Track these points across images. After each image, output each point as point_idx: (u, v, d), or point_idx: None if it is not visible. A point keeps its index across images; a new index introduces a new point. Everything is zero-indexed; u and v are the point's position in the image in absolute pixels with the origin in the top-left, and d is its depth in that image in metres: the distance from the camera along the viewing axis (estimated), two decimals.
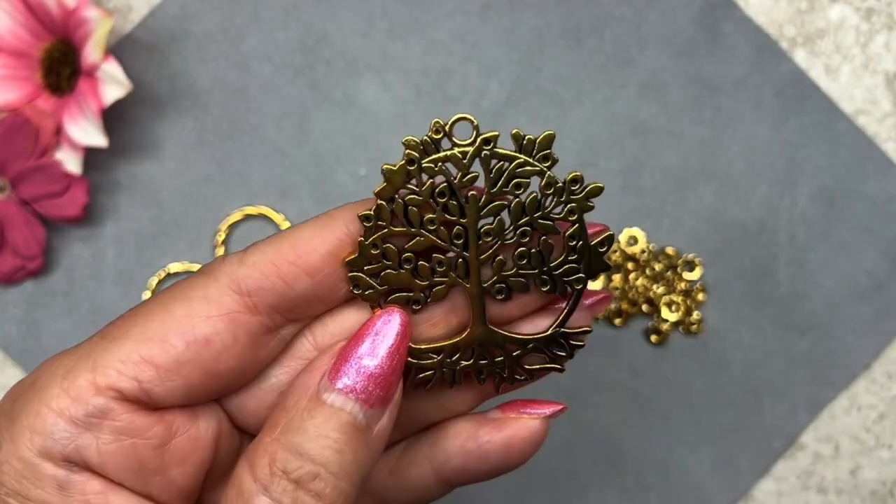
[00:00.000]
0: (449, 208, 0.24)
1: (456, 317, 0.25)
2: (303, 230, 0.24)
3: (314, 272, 0.23)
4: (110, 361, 0.22)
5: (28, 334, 0.42)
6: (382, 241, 0.24)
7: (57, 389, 0.22)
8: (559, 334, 0.25)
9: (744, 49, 0.42)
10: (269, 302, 0.23)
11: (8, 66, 0.41)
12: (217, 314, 0.23)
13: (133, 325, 0.23)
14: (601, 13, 0.42)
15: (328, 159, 0.42)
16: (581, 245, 0.24)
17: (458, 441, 0.26)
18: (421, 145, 0.24)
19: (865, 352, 0.42)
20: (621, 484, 0.42)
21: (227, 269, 0.24)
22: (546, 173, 0.24)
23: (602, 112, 0.42)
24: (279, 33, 0.42)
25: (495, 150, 0.24)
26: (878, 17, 0.42)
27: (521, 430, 0.26)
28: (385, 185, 0.24)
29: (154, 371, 0.23)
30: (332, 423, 0.22)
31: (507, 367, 0.25)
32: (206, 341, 0.23)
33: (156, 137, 0.42)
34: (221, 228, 0.42)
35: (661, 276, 0.42)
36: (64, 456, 0.22)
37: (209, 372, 0.23)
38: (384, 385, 0.23)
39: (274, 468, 0.22)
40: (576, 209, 0.24)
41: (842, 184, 0.42)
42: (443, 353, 0.25)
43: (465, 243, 0.24)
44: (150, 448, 0.23)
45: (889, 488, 0.42)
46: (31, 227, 0.41)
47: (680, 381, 0.42)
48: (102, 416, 0.22)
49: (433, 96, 0.42)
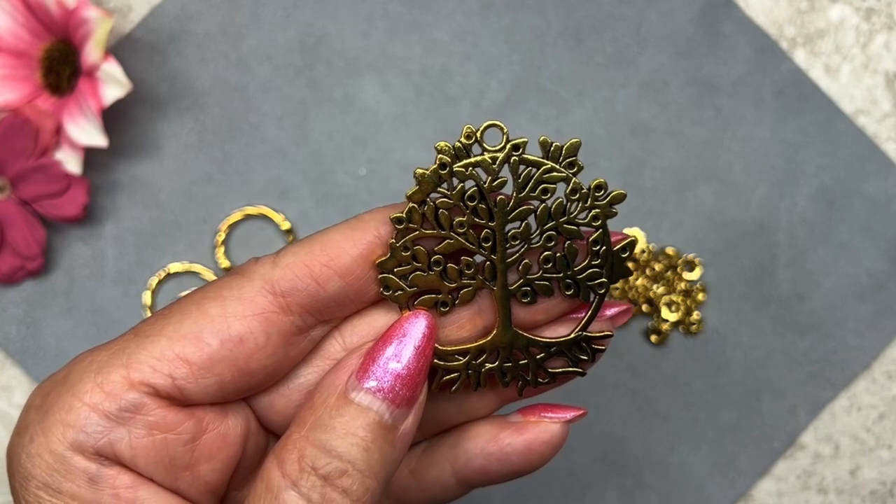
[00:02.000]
0: (478, 212, 0.25)
1: (481, 319, 0.26)
2: (334, 233, 0.24)
3: (346, 274, 0.24)
4: (145, 358, 0.23)
5: (28, 334, 0.42)
6: (413, 243, 0.24)
7: (90, 384, 0.23)
8: (582, 338, 0.26)
9: (744, 49, 0.42)
10: (302, 302, 0.24)
11: (8, 65, 0.41)
12: (251, 314, 0.24)
13: (167, 322, 0.24)
14: (601, 13, 0.42)
15: (328, 159, 0.42)
16: (604, 250, 0.25)
17: (479, 443, 0.27)
18: (453, 150, 0.24)
19: (865, 352, 0.42)
20: (621, 484, 0.42)
21: (260, 270, 0.24)
22: (572, 179, 0.25)
23: (602, 112, 0.42)
24: (279, 33, 0.42)
25: (524, 156, 0.25)
26: (878, 17, 0.42)
27: (542, 433, 0.26)
28: (417, 189, 0.24)
29: (188, 368, 0.23)
30: (359, 421, 0.23)
31: (530, 370, 0.26)
32: (241, 340, 0.23)
33: (156, 137, 0.42)
34: (221, 228, 0.42)
35: (661, 276, 0.42)
36: (96, 450, 0.23)
37: (241, 370, 0.24)
38: (410, 385, 0.23)
39: (303, 464, 0.22)
40: (599, 215, 0.25)
41: (842, 184, 0.42)
42: (468, 356, 0.25)
43: (493, 246, 0.25)
44: (181, 443, 0.23)
45: (889, 488, 0.42)
46: (31, 227, 0.41)
47: (680, 381, 0.42)
48: (135, 410, 0.23)
49: (433, 96, 0.42)
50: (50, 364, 0.42)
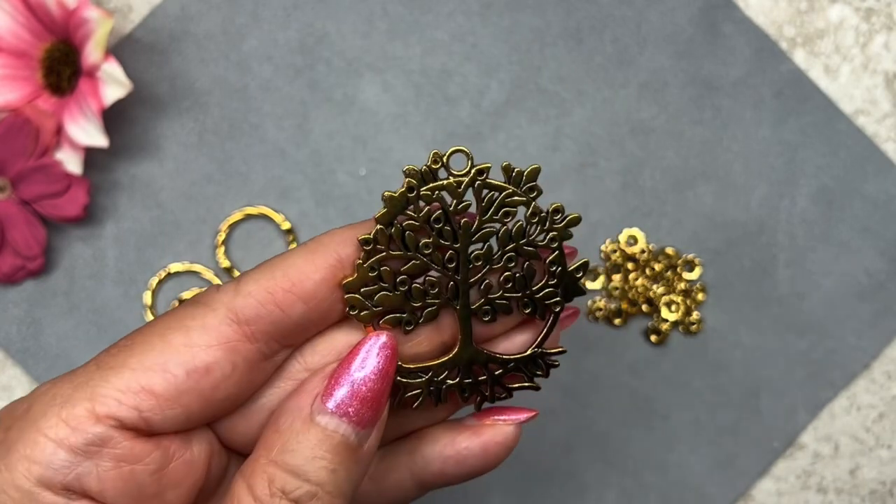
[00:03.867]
0: (443, 234, 0.25)
1: (440, 335, 0.26)
2: (295, 257, 0.25)
3: (309, 298, 0.24)
4: (109, 391, 0.23)
5: (28, 334, 0.42)
6: (380, 263, 0.25)
7: (55, 419, 0.23)
8: (537, 354, 0.27)
9: (743, 49, 0.42)
10: (266, 330, 0.24)
11: (8, 66, 0.41)
12: (216, 343, 0.24)
13: (130, 354, 0.24)
14: (601, 13, 0.42)
15: (328, 159, 0.42)
16: (560, 271, 0.26)
17: (436, 448, 0.27)
18: (420, 174, 0.25)
19: (865, 352, 0.42)
20: (621, 484, 0.42)
21: (223, 298, 0.24)
22: (532, 203, 0.26)
23: (602, 112, 0.42)
24: (279, 33, 0.42)
25: (487, 180, 0.26)
26: (878, 17, 0.42)
27: (496, 436, 0.27)
28: (385, 211, 0.25)
29: (154, 400, 0.23)
30: (325, 444, 0.23)
31: (489, 385, 0.27)
32: (207, 370, 0.24)
33: (156, 137, 0.42)
34: (222, 228, 0.42)
35: (660, 276, 0.42)
36: (64, 485, 0.22)
37: (208, 400, 0.24)
38: (374, 406, 0.24)
39: (273, 489, 0.23)
40: (556, 237, 0.26)
41: (841, 184, 0.42)
42: (431, 373, 0.26)
43: (457, 267, 0.26)
44: (148, 473, 0.23)
45: (889, 488, 0.42)
46: (31, 227, 0.41)
47: (680, 381, 0.42)
48: (102, 444, 0.23)
49: (433, 96, 0.42)
50: (50, 364, 0.42)
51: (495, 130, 0.42)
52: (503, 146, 0.42)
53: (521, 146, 0.42)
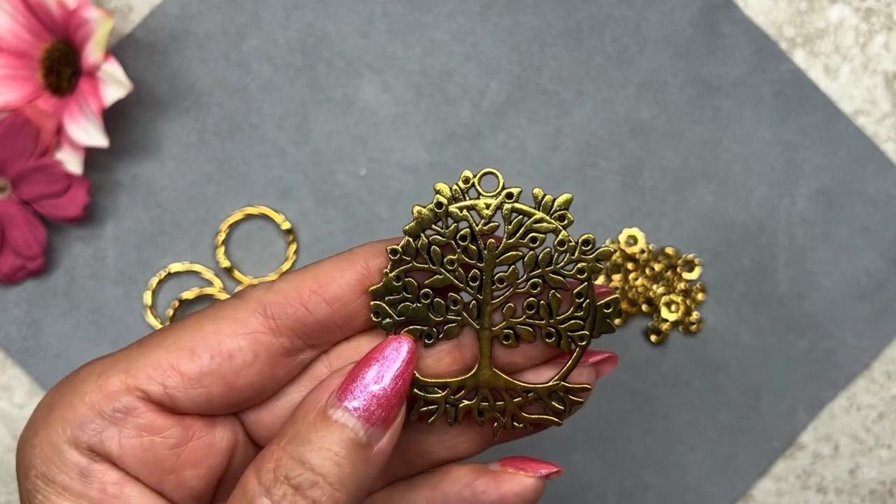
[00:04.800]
0: (469, 252, 0.26)
1: (461, 354, 0.27)
2: (326, 264, 0.26)
3: (333, 301, 0.25)
4: (142, 366, 0.25)
5: (28, 334, 0.42)
6: (405, 274, 0.26)
7: (93, 386, 0.25)
8: (559, 388, 0.27)
9: (743, 49, 0.42)
10: (291, 325, 0.25)
11: (9, 66, 0.41)
12: (242, 332, 0.25)
13: (166, 336, 0.26)
14: (601, 13, 0.42)
15: (328, 159, 0.42)
16: (587, 303, 0.26)
17: (456, 487, 0.28)
18: (450, 192, 0.26)
19: (865, 351, 0.42)
20: (621, 484, 0.42)
21: (256, 294, 0.26)
22: (561, 231, 0.26)
23: (602, 112, 0.42)
24: (279, 33, 0.42)
25: (516, 204, 0.26)
26: (878, 17, 0.42)
27: (515, 485, 0.27)
28: (414, 224, 0.26)
29: (179, 378, 0.25)
30: (334, 437, 0.24)
31: (506, 412, 0.27)
32: (230, 356, 0.25)
33: (156, 137, 0.42)
34: (222, 228, 0.42)
35: (660, 276, 0.42)
36: (89, 446, 0.24)
37: (229, 385, 0.25)
38: (387, 407, 0.25)
39: (278, 473, 0.23)
40: (585, 269, 0.26)
41: (841, 184, 0.42)
42: (447, 389, 0.26)
43: (480, 287, 0.26)
44: (167, 447, 0.25)
45: (888, 488, 0.42)
46: (31, 227, 0.41)
47: (680, 380, 0.42)
48: (127, 412, 0.24)
49: (433, 96, 0.42)
50: (50, 364, 0.42)
51: (495, 130, 0.42)
52: (503, 146, 0.42)
53: (521, 146, 0.42)
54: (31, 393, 0.42)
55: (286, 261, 0.42)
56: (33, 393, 0.42)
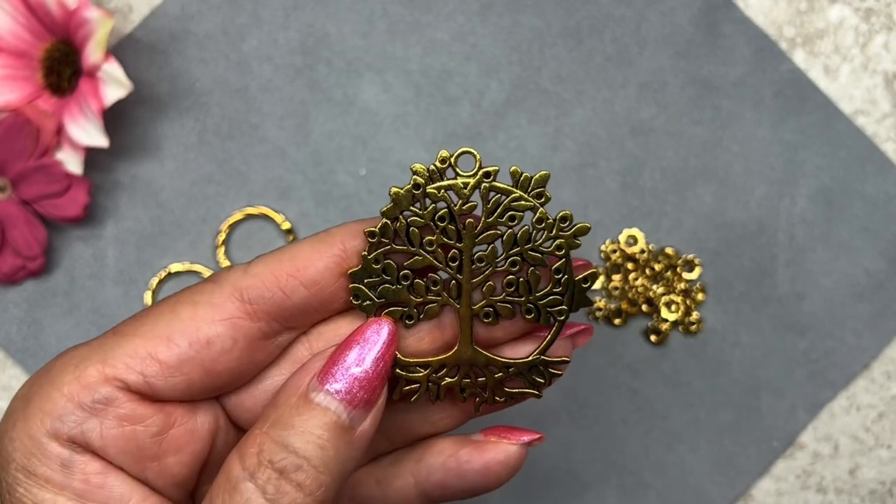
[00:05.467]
0: (447, 232, 0.26)
1: (441, 333, 0.27)
2: (303, 245, 0.26)
3: (310, 284, 0.25)
4: (119, 355, 0.25)
5: (28, 334, 0.42)
6: (384, 256, 0.26)
7: (70, 377, 0.24)
8: (539, 361, 0.27)
9: (743, 49, 0.42)
10: (268, 310, 0.25)
11: (9, 66, 0.41)
12: (220, 318, 0.25)
13: (142, 323, 0.25)
14: (601, 13, 0.42)
15: (328, 159, 0.42)
16: (566, 279, 0.26)
17: (440, 458, 0.28)
18: (427, 173, 0.26)
19: (864, 351, 0.42)
20: (621, 484, 0.42)
21: (231, 278, 0.26)
22: (539, 209, 0.26)
23: (602, 112, 0.42)
24: (280, 33, 0.42)
25: (494, 183, 0.26)
26: (878, 17, 0.42)
27: (499, 453, 0.27)
28: (391, 206, 0.25)
29: (158, 367, 0.25)
30: (317, 420, 0.24)
31: (488, 387, 0.27)
32: (208, 342, 0.25)
33: (156, 137, 0.42)
34: (222, 228, 0.42)
35: (660, 276, 0.42)
36: (70, 437, 0.24)
37: (208, 371, 0.25)
38: (368, 389, 0.24)
39: (261, 458, 0.23)
40: (563, 245, 0.26)
41: (841, 184, 0.42)
42: (429, 368, 0.26)
43: (460, 266, 0.26)
44: (149, 435, 0.25)
45: (888, 488, 0.42)
46: (31, 228, 0.41)
47: (679, 380, 0.42)
48: (107, 403, 0.24)
49: (433, 96, 0.42)
50: None
51: (495, 130, 0.42)
52: (503, 146, 0.42)
53: (521, 146, 0.42)
54: None
55: None
56: None
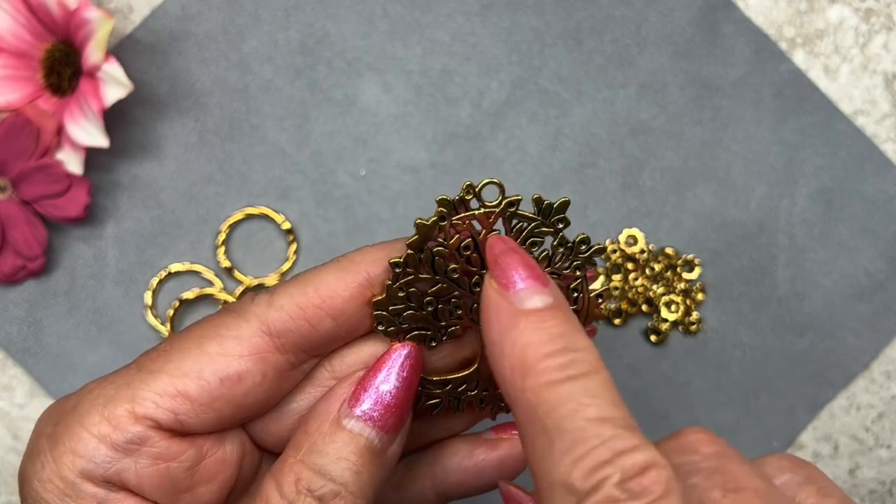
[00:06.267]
0: (471, 260, 0.26)
1: (462, 351, 0.27)
2: (326, 274, 0.26)
3: (337, 315, 0.26)
4: (148, 394, 0.25)
5: (29, 334, 0.42)
6: (408, 286, 0.26)
7: (98, 416, 0.24)
8: None
9: (743, 50, 0.42)
10: (296, 342, 0.26)
11: (9, 66, 0.41)
12: (248, 353, 0.25)
13: (168, 360, 0.25)
14: (601, 13, 0.42)
15: (328, 159, 0.42)
16: (580, 297, 0.27)
17: (456, 459, 0.28)
18: (452, 204, 0.26)
19: (864, 352, 0.42)
20: None
21: (257, 310, 0.26)
22: (559, 234, 0.26)
23: (602, 112, 0.42)
24: (280, 34, 0.42)
25: (517, 211, 0.26)
26: (877, 17, 0.42)
27: (513, 448, 0.28)
28: (416, 237, 0.26)
29: (190, 404, 0.25)
30: (351, 447, 0.24)
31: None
32: (239, 378, 0.25)
33: (157, 138, 0.42)
34: (222, 228, 0.42)
35: (660, 276, 0.42)
36: (104, 478, 0.24)
37: (239, 405, 0.25)
38: (398, 413, 0.25)
39: (300, 486, 0.24)
40: (581, 266, 0.27)
41: (841, 184, 0.42)
42: (451, 385, 0.27)
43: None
44: (182, 470, 0.25)
45: (888, 488, 0.42)
46: (32, 228, 0.41)
47: (679, 380, 0.42)
48: (140, 443, 0.24)
49: (433, 97, 0.42)
50: (51, 364, 0.42)
51: (495, 130, 0.42)
52: (503, 146, 0.42)
53: (521, 146, 0.42)
54: (31, 393, 0.42)
55: (286, 261, 0.42)
56: (34, 393, 0.42)
